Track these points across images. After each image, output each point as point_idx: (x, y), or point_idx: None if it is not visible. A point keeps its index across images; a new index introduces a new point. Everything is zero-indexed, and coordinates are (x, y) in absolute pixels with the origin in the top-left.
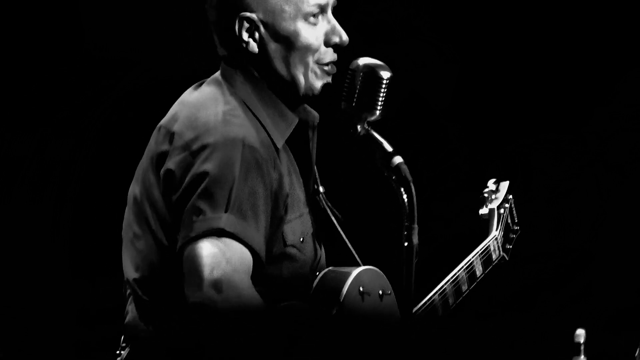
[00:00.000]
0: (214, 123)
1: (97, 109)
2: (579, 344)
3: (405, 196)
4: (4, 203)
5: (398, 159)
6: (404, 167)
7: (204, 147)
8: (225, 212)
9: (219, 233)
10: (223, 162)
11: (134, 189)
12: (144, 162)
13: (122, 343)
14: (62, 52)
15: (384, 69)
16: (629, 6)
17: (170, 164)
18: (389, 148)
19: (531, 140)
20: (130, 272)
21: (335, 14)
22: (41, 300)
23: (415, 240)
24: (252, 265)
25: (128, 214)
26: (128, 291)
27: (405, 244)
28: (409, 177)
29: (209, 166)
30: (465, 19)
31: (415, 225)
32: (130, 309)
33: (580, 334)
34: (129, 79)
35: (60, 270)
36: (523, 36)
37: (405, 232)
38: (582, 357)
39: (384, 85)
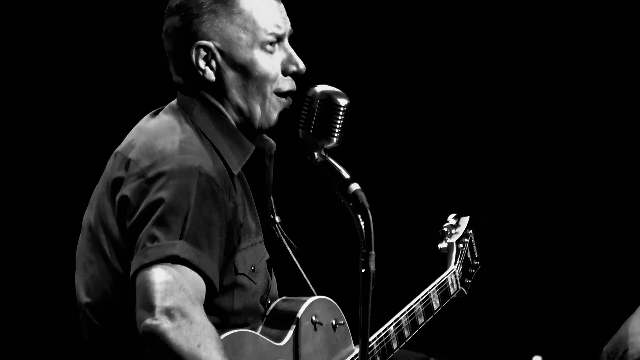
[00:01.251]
0: (171, 151)
1: (97, 109)
2: None
3: (362, 223)
4: (4, 203)
5: (355, 186)
6: (361, 194)
7: (159, 175)
8: (180, 239)
9: (173, 260)
10: (179, 190)
11: (89, 215)
12: (99, 187)
13: None
14: (62, 52)
15: (342, 97)
16: (629, 6)
17: (126, 190)
18: (346, 175)
19: (531, 140)
20: (82, 296)
21: (332, 16)
22: (41, 300)
23: (372, 267)
24: (205, 293)
25: (82, 239)
26: (80, 315)
27: (363, 270)
28: (366, 204)
29: (164, 194)
30: (464, 19)
31: (372, 252)
32: (83, 333)
33: None
34: (129, 79)
35: (60, 270)
36: (522, 37)
37: (363, 259)
38: None
39: (341, 113)
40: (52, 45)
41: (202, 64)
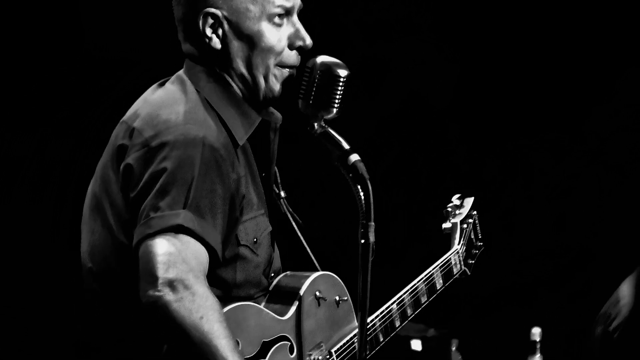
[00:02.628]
0: (175, 121)
1: (97, 109)
2: (534, 342)
3: (362, 194)
4: (4, 203)
5: (355, 157)
6: (361, 164)
7: (163, 145)
8: (183, 209)
9: (176, 229)
10: (182, 160)
11: (94, 185)
12: (104, 157)
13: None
14: (62, 52)
15: (342, 67)
16: (629, 6)
17: (130, 159)
18: (346, 146)
19: (531, 139)
20: (86, 265)
21: (335, 13)
22: (41, 300)
23: (372, 237)
24: (207, 264)
25: (86, 209)
26: (85, 285)
27: (362, 241)
28: (366, 175)
29: (168, 164)
30: (465, 18)
31: (372, 223)
32: (86, 304)
33: (536, 332)
34: (128, 79)
35: (60, 270)
36: (523, 35)
37: (362, 230)
38: (538, 355)
39: (341, 84)
40: (52, 45)
41: (208, 31)
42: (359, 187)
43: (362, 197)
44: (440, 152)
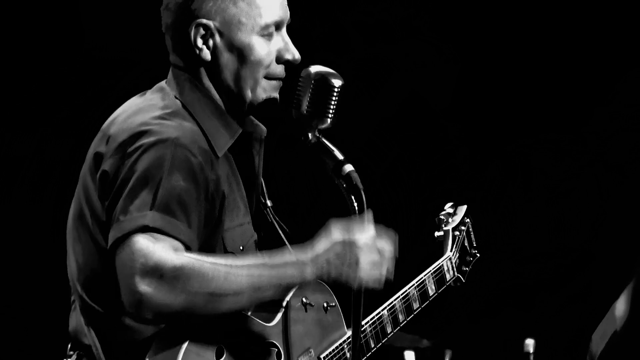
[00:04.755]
0: (149, 125)
1: (97, 109)
2: (528, 353)
3: (355, 204)
4: (4, 203)
5: (349, 167)
6: (355, 175)
7: (136, 149)
8: (151, 209)
9: (144, 230)
10: (152, 161)
11: (76, 195)
12: (84, 167)
13: (69, 351)
14: (62, 52)
15: (336, 77)
16: (629, 6)
17: (105, 165)
18: (340, 156)
19: (531, 140)
20: (73, 274)
21: (333, 16)
22: (41, 300)
23: None
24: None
25: (70, 219)
26: (72, 297)
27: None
28: (360, 186)
29: (138, 166)
30: (465, 19)
31: None
32: (74, 315)
33: (530, 343)
34: (129, 79)
35: (60, 270)
36: (523, 36)
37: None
38: None
39: (335, 93)
40: (52, 45)
41: (199, 42)
42: (352, 197)
43: (357, 208)
44: (440, 154)
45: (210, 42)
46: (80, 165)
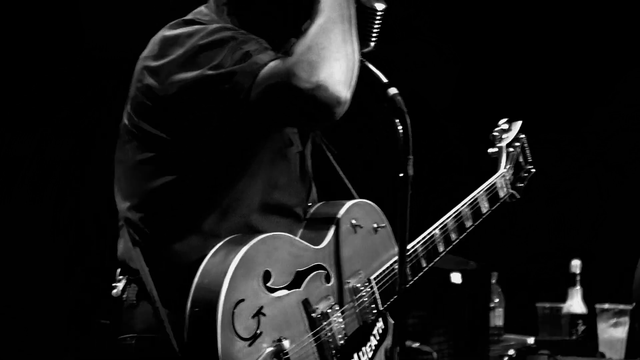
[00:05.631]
0: (194, 29)
1: (97, 109)
2: (574, 274)
3: (400, 127)
4: (4, 203)
5: (393, 90)
6: (399, 98)
7: (189, 37)
8: (246, 60)
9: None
10: (210, 30)
11: (122, 118)
12: (132, 86)
13: (118, 276)
14: (62, 52)
15: (378, 1)
16: (629, 7)
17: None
18: (384, 79)
19: (532, 139)
20: (121, 197)
21: None
22: (41, 300)
23: (411, 170)
24: None
25: (119, 141)
26: (120, 223)
27: (401, 174)
28: (404, 108)
29: (199, 41)
30: (465, 19)
31: (411, 156)
32: (122, 241)
33: (576, 264)
34: (129, 79)
35: (60, 270)
36: (523, 36)
37: (401, 163)
38: (578, 287)
39: (378, 17)
40: (52, 45)
41: None
42: (397, 120)
43: (401, 131)
44: (440, 154)
45: None
46: (80, 165)
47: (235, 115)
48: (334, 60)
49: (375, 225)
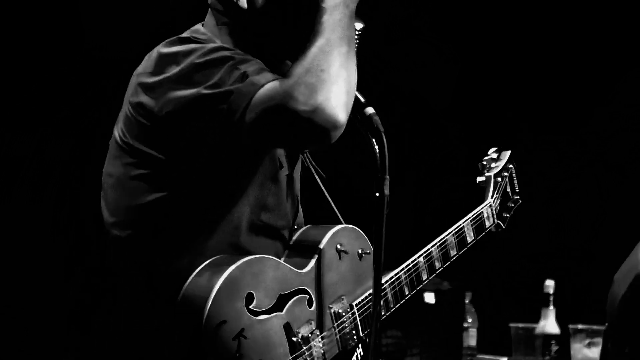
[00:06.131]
0: (191, 47)
1: (97, 109)
2: (548, 294)
3: (376, 147)
4: (4, 203)
5: (370, 110)
6: (376, 118)
7: (184, 57)
8: (243, 80)
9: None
10: (208, 49)
11: (113, 133)
12: (125, 103)
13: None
14: (62, 52)
15: (356, 20)
16: (629, 7)
17: (143, 87)
18: (362, 99)
19: (532, 140)
20: (106, 215)
21: None
22: (41, 300)
23: (387, 190)
24: None
25: (105, 164)
26: (109, 236)
27: (377, 194)
28: (381, 128)
29: (203, 62)
30: (465, 19)
31: (387, 176)
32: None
33: (550, 284)
34: (129, 79)
35: (60, 270)
36: (523, 37)
37: (377, 183)
38: (551, 307)
39: (356, 36)
40: (52, 45)
41: None
42: (373, 140)
43: (377, 150)
44: (439, 154)
45: None
46: (80, 165)
47: (229, 135)
48: (332, 83)
49: (360, 251)
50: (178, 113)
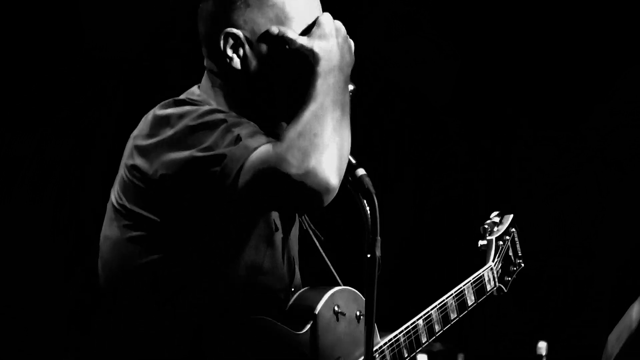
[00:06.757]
0: (183, 111)
1: (97, 109)
2: (540, 356)
3: (368, 208)
4: (4, 203)
5: (361, 171)
6: (367, 179)
7: (170, 118)
8: (236, 143)
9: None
10: (200, 116)
11: (110, 196)
12: (121, 168)
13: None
14: (62, 52)
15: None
16: (628, 3)
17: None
18: (352, 160)
19: (531, 136)
20: (102, 276)
21: (334, 14)
22: (41, 300)
23: (378, 252)
24: None
25: (104, 227)
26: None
27: (368, 255)
28: (372, 189)
29: (189, 123)
30: (465, 15)
31: (378, 238)
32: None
33: (542, 346)
34: (129, 79)
35: (60, 270)
36: (523, 33)
37: (368, 244)
38: None
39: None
40: (52, 45)
41: (229, 51)
42: (364, 201)
43: (369, 212)
44: (439, 150)
45: (241, 51)
46: (80, 165)
47: (223, 198)
48: (324, 147)
49: (358, 313)
50: (172, 176)
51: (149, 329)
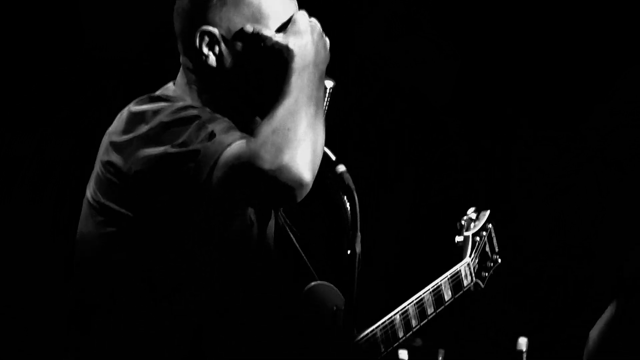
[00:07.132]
0: (159, 107)
1: (97, 109)
2: (521, 352)
3: (348, 204)
4: (4, 203)
5: (341, 167)
6: (347, 175)
7: (151, 118)
8: (211, 138)
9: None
10: (176, 108)
11: (86, 193)
12: (96, 165)
13: None
14: (62, 52)
15: (327, 79)
16: (629, 3)
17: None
18: (332, 157)
19: (531, 136)
20: (77, 273)
21: (333, 13)
22: (41, 300)
23: (358, 248)
24: None
25: (80, 224)
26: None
27: (349, 252)
28: (352, 186)
29: (163, 119)
30: (465, 15)
31: (358, 234)
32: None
33: (523, 342)
34: (129, 79)
35: (60, 270)
36: (523, 33)
37: (348, 240)
38: None
39: (327, 95)
40: (52, 45)
41: (205, 49)
42: (345, 197)
43: (349, 208)
44: (439, 151)
45: (216, 49)
46: (79, 165)
47: (197, 193)
48: (298, 143)
49: (334, 308)
50: (146, 172)
51: (148, 329)
